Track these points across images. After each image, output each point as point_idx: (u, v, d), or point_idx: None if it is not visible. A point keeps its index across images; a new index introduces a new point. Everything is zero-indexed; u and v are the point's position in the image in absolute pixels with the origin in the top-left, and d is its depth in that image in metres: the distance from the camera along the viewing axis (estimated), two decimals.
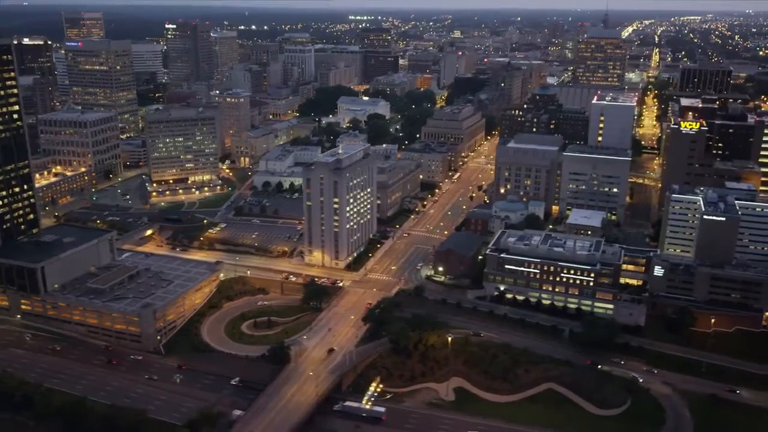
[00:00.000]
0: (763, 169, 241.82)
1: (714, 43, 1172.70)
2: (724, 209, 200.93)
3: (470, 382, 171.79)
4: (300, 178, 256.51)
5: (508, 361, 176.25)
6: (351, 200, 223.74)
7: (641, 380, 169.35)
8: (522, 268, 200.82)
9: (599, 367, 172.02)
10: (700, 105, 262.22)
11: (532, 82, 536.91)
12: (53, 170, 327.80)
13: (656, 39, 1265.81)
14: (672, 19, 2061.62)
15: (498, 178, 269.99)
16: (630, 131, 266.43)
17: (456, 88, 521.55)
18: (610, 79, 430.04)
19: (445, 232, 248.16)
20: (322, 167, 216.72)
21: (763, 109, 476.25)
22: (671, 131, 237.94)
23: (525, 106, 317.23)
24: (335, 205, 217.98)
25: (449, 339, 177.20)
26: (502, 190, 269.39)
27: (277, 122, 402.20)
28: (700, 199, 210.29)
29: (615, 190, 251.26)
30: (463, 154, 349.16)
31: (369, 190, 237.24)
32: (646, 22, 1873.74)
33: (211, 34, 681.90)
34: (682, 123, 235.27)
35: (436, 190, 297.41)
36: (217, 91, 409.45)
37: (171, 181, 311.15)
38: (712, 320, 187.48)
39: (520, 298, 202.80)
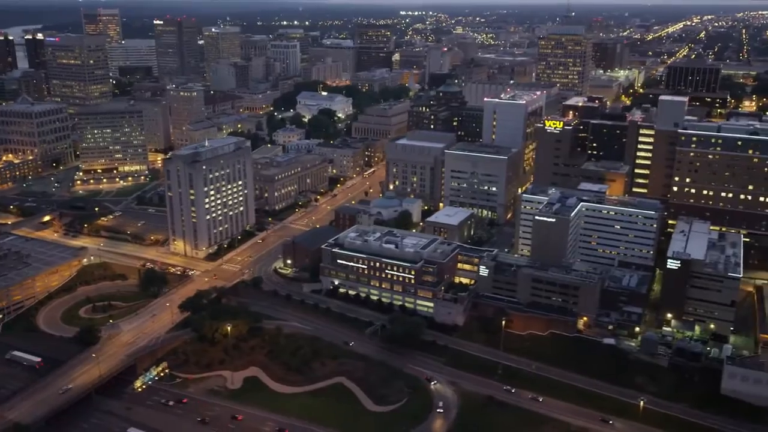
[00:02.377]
0: (639, 171, 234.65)
1: (764, 40, 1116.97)
2: (558, 210, 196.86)
3: (266, 372, 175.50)
4: None
5: (309, 353, 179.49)
6: (212, 192, 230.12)
7: (434, 379, 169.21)
8: (352, 264, 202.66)
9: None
10: (581, 104, 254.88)
11: (514, 78, 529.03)
12: (3, 158, 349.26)
13: (701, 35, 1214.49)
14: (739, 14, 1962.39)
15: (388, 174, 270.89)
16: (522, 129, 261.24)
17: (431, 84, 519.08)
18: (570, 77, 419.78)
19: (317, 226, 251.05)
20: (178, 160, 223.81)
21: (741, 109, 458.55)
22: (537, 130, 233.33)
23: (431, 102, 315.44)
24: (191, 197, 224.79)
25: (228, 329, 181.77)
26: (391, 187, 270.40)
27: (225, 116, 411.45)
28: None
29: (494, 189, 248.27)
30: None
31: (240, 182, 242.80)
32: (707, 17, 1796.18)
33: (213, 29, 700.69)
34: (546, 122, 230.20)
35: (338, 185, 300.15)
36: (173, 85, 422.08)
37: (99, 171, 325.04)
38: (527, 323, 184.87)
39: (352, 293, 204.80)
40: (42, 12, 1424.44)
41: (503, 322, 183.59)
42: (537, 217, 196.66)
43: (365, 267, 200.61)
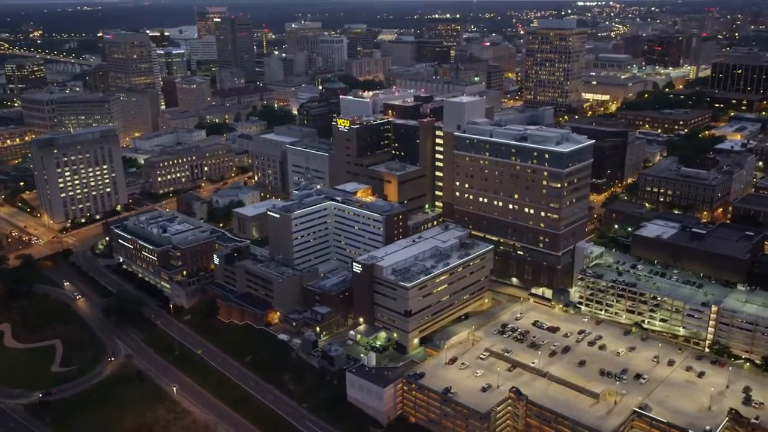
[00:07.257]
0: (438, 173, 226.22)
1: None
2: (288, 207, 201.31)
3: (13, 329, 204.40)
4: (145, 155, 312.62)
5: (53, 317, 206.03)
6: (68, 173, 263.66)
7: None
8: (125, 244, 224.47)
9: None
10: (401, 103, 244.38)
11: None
12: (27, 138, 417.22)
13: None
14: None
15: (252, 166, 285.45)
16: None
17: None
18: (557, 74, 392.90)
19: None
20: (35, 144, 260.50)
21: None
22: (333, 128, 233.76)
23: (316, 98, 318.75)
24: (45, 176, 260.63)
25: None
26: (255, 178, 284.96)
27: (214, 107, 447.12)
28: None
29: (320, 186, 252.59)
30: None
31: (105, 166, 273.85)
32: None
33: (293, 25, 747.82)
34: (338, 121, 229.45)
35: (233, 175, 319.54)
36: (180, 78, 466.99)
37: None
38: (230, 312, 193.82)
39: (130, 270, 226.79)
40: (173, 13, 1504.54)
41: (212, 310, 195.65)
42: (268, 212, 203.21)
43: (132, 247, 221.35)
